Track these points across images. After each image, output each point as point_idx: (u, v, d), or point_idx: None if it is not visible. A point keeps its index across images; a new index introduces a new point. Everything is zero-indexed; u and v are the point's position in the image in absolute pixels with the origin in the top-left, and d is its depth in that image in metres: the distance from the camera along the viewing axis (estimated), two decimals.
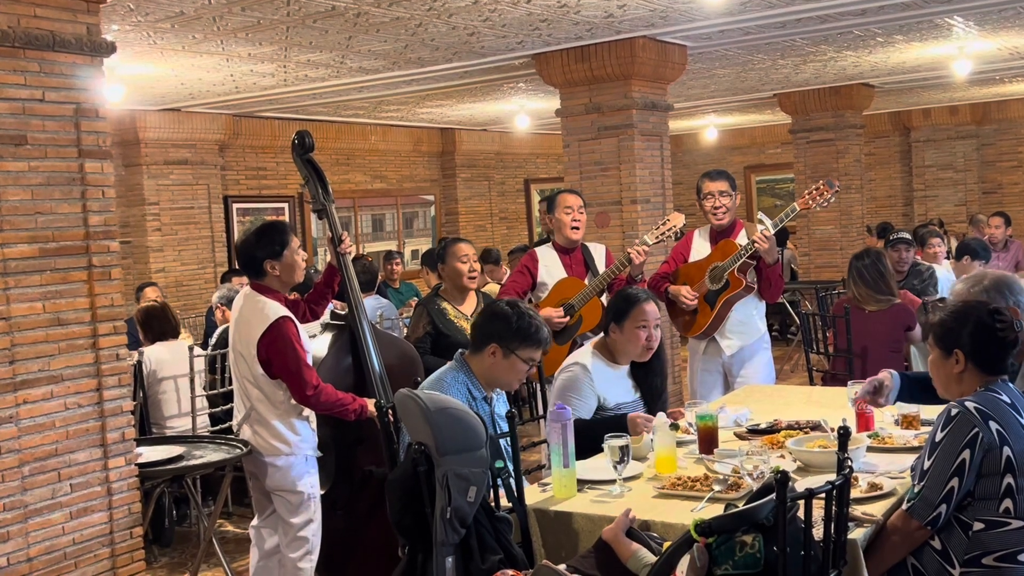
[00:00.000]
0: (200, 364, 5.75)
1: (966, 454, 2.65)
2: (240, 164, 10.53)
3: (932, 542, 2.72)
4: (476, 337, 3.48)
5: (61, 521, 3.66)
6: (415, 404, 2.77)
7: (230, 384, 5.64)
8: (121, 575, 3.81)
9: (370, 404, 4.09)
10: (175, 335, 5.91)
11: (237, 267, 9.19)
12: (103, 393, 3.79)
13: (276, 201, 10.89)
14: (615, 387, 3.97)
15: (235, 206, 10.31)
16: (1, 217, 3.52)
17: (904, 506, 2.74)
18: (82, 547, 3.71)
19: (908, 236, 6.98)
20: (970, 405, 2.71)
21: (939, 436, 2.71)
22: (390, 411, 3.41)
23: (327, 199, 4.53)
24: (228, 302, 6.47)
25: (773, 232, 4.94)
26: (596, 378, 3.91)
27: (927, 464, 2.71)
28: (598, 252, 5.40)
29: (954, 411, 2.72)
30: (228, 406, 5.64)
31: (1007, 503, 2.66)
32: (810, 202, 5.14)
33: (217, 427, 5.81)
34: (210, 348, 5.87)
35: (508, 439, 3.24)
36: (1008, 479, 2.65)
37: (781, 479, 2.29)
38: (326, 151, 11.17)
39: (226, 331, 6.04)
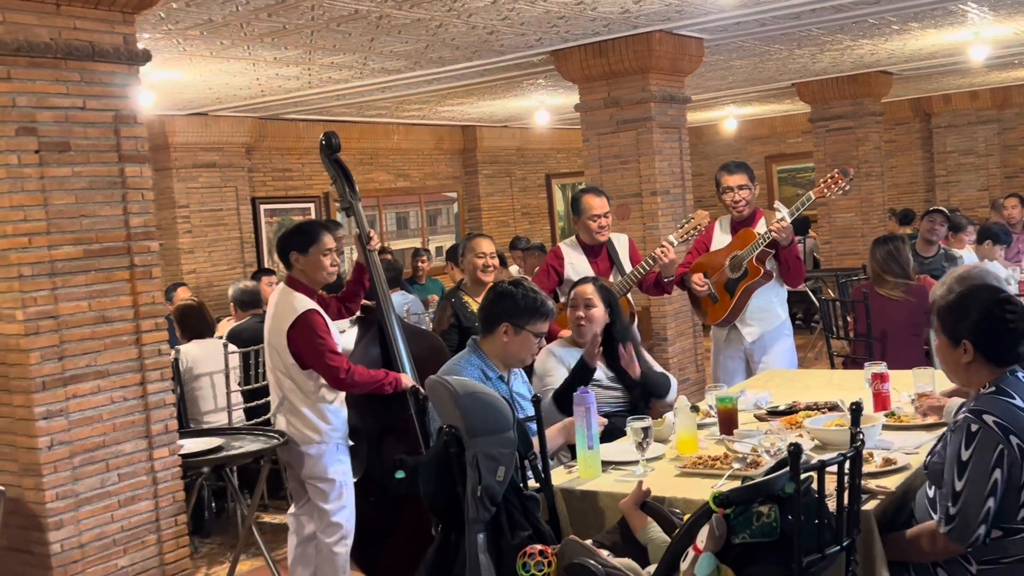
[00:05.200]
0: (235, 360, 5.91)
1: (997, 473, 2.60)
2: (267, 166, 10.70)
3: None
4: (485, 319, 3.63)
5: (110, 509, 3.83)
6: (445, 389, 2.89)
7: (261, 380, 5.82)
8: (167, 560, 3.98)
9: (404, 378, 4.24)
10: (211, 333, 6.07)
11: (266, 267, 9.41)
12: (147, 387, 3.96)
13: (302, 201, 11.05)
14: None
15: (263, 207, 10.49)
16: (48, 220, 3.69)
17: (941, 529, 2.69)
18: (130, 534, 3.88)
19: (945, 210, 7.23)
20: (989, 420, 2.63)
21: (965, 455, 2.63)
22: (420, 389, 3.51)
23: (354, 197, 4.66)
24: (240, 304, 6.64)
25: (790, 221, 5.04)
26: (561, 355, 4.16)
27: (959, 485, 2.64)
28: (621, 244, 5.47)
29: (974, 427, 2.65)
30: (264, 400, 5.81)
31: None
32: (825, 191, 5.24)
33: (252, 421, 5.96)
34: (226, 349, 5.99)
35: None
36: None
37: (794, 451, 2.40)
38: (350, 151, 11.28)
39: (234, 330, 6.26)
